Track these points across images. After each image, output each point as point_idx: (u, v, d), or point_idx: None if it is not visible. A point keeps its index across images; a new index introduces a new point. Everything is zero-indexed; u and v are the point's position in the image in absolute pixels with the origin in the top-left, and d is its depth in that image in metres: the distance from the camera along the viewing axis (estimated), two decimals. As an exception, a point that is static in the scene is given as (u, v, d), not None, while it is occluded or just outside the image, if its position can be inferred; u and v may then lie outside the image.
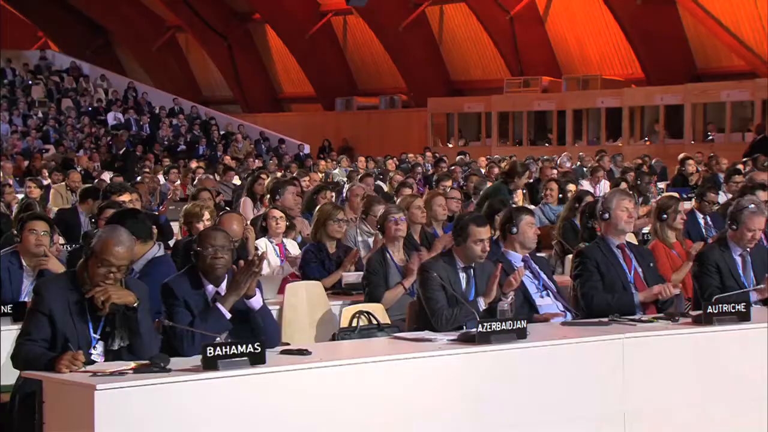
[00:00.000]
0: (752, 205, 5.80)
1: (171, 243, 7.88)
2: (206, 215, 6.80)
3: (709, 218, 8.42)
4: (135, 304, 4.27)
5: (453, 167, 15.19)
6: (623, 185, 10.51)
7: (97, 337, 4.30)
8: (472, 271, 5.34)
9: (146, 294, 4.42)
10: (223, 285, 4.67)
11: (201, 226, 6.71)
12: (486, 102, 25.25)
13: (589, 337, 4.89)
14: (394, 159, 18.30)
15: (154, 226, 5.56)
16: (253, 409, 4.15)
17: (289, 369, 4.27)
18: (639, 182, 11.46)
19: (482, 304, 5.19)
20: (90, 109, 26.86)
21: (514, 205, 7.63)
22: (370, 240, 7.63)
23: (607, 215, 5.70)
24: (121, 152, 21.98)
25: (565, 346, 4.80)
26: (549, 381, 4.72)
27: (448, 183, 10.84)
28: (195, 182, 13.61)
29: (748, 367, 5.09)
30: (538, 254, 6.04)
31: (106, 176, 15.26)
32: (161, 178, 14.69)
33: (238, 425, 4.12)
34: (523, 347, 4.69)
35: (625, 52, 25.32)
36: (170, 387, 4.01)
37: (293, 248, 7.33)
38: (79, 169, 15.78)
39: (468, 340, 4.70)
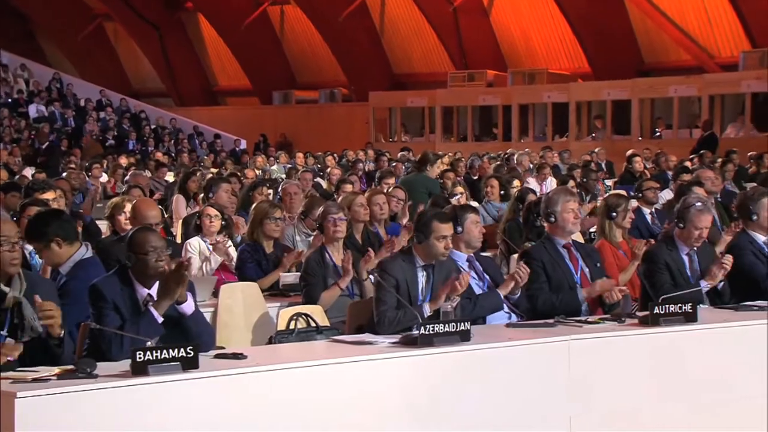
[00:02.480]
0: (699, 203, 5.91)
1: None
2: (128, 207, 6.74)
3: (655, 213, 8.60)
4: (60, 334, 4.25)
5: (395, 164, 15.23)
6: (571, 183, 10.64)
7: (5, 333, 4.24)
8: (431, 269, 5.35)
9: (54, 292, 4.42)
10: (155, 287, 4.63)
11: (122, 219, 6.66)
12: (430, 96, 25.37)
13: (535, 339, 4.94)
14: (334, 155, 18.29)
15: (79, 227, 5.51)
16: (186, 417, 4.12)
17: (223, 374, 4.24)
18: (585, 180, 11.61)
19: (427, 310, 5.19)
20: (9, 101, 26.34)
21: (458, 204, 7.68)
22: (311, 240, 7.61)
23: (553, 218, 5.76)
24: (44, 147, 21.60)
25: (510, 348, 4.84)
26: (493, 384, 4.76)
27: (391, 180, 10.86)
28: (126, 179, 13.44)
29: (696, 368, 5.19)
30: (483, 254, 6.08)
31: (28, 172, 14.99)
32: (104, 175, 14.50)
33: (169, 434, 4.09)
34: (467, 350, 4.71)
35: (571, 46, 25.65)
36: (97, 394, 3.95)
37: (231, 249, 7.26)
38: (-1, 164, 15.47)
39: (410, 342, 4.71)
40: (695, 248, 5.88)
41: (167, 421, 4.08)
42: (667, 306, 5.14)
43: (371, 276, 5.20)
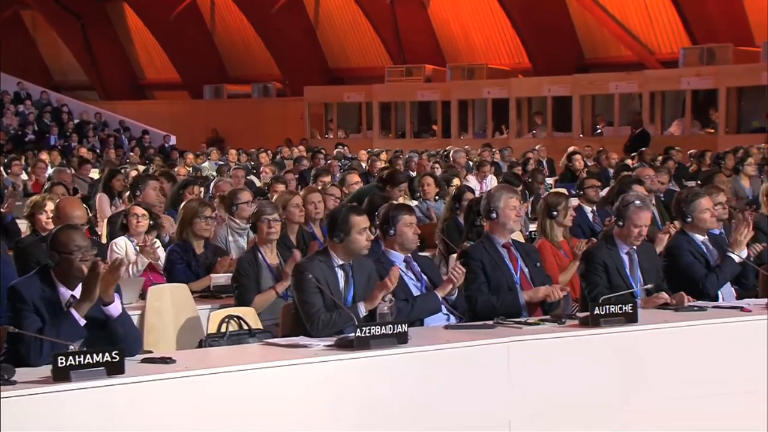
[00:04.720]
0: (638, 201, 6.01)
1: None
2: (49, 206, 6.64)
3: (596, 211, 8.74)
4: None
5: (330, 161, 15.21)
6: (520, 187, 10.69)
7: None
8: (350, 268, 5.36)
9: None
10: (79, 288, 4.57)
11: (43, 218, 6.59)
12: (366, 91, 25.40)
13: (474, 341, 4.97)
14: (268, 152, 18.23)
15: None
16: (111, 425, 4.07)
17: (150, 379, 4.20)
18: (531, 180, 11.71)
19: (363, 309, 5.20)
20: None
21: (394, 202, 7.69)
22: (242, 240, 7.57)
23: (494, 215, 5.81)
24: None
25: (449, 351, 4.87)
26: (432, 387, 4.78)
27: (327, 178, 10.84)
28: (47, 175, 13.24)
29: (636, 369, 5.28)
30: (422, 254, 6.11)
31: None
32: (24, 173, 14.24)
33: (93, 442, 4.04)
34: (404, 352, 4.73)
35: (511, 40, 25.90)
36: (16, 401, 3.89)
37: (159, 250, 7.18)
38: None
39: (346, 345, 4.72)
40: (635, 247, 5.97)
41: (91, 429, 4.02)
42: (607, 307, 5.21)
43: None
